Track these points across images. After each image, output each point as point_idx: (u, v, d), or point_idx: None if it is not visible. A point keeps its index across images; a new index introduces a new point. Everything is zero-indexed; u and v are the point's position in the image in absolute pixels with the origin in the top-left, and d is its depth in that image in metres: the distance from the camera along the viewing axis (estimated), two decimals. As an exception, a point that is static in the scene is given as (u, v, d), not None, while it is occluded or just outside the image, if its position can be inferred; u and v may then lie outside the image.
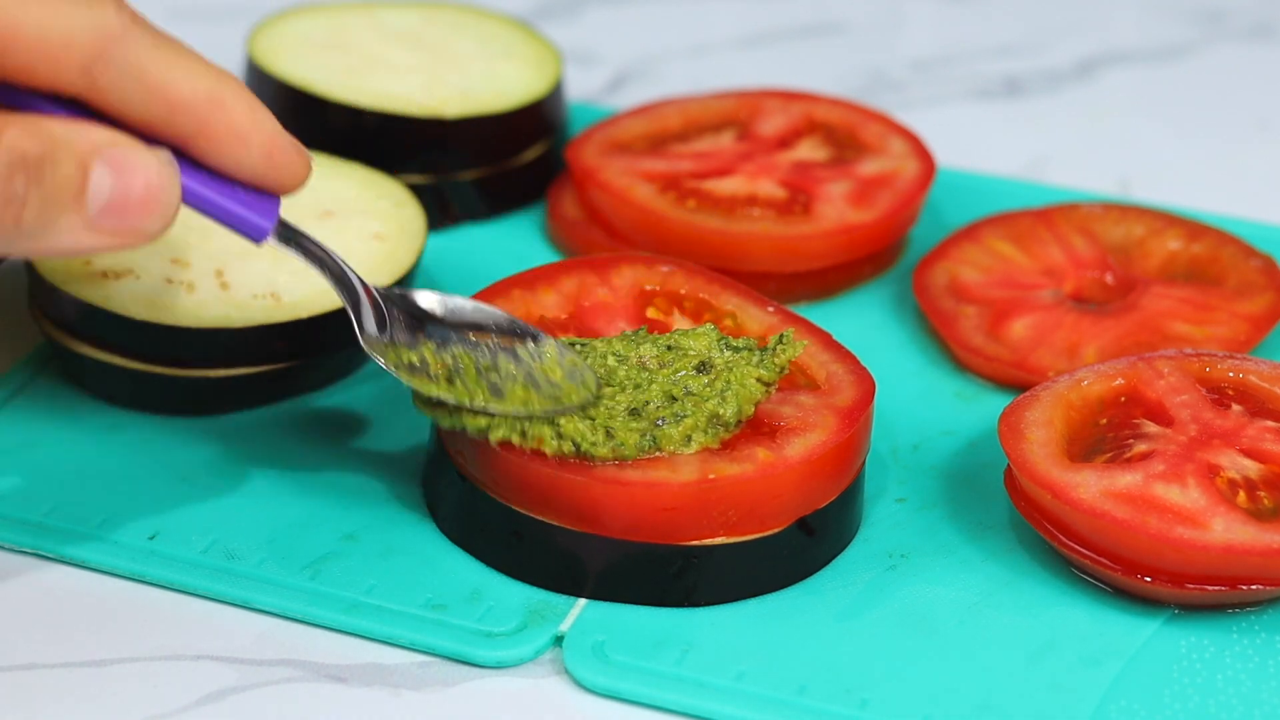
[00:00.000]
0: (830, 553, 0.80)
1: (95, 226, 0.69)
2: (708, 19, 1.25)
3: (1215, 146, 1.13)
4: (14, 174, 0.66)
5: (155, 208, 0.69)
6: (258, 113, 0.71)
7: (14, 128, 0.67)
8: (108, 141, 0.68)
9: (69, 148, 0.68)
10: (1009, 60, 1.21)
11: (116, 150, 0.69)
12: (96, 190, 0.68)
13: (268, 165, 0.72)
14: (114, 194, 0.68)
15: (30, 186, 0.67)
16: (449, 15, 1.06)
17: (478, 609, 0.77)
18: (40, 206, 0.67)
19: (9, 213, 0.67)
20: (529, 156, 1.01)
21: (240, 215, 0.72)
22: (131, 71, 0.69)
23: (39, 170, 0.67)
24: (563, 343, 0.80)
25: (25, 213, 0.67)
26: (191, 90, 0.70)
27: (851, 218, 0.94)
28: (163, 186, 0.69)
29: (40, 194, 0.67)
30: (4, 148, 0.66)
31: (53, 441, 0.85)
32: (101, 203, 0.68)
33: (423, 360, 0.77)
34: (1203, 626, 0.77)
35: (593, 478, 0.76)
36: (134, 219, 0.69)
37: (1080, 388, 0.83)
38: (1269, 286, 0.92)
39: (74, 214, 0.68)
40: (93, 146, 0.68)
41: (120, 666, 0.75)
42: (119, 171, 0.69)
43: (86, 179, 0.68)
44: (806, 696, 0.74)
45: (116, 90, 0.69)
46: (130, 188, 0.69)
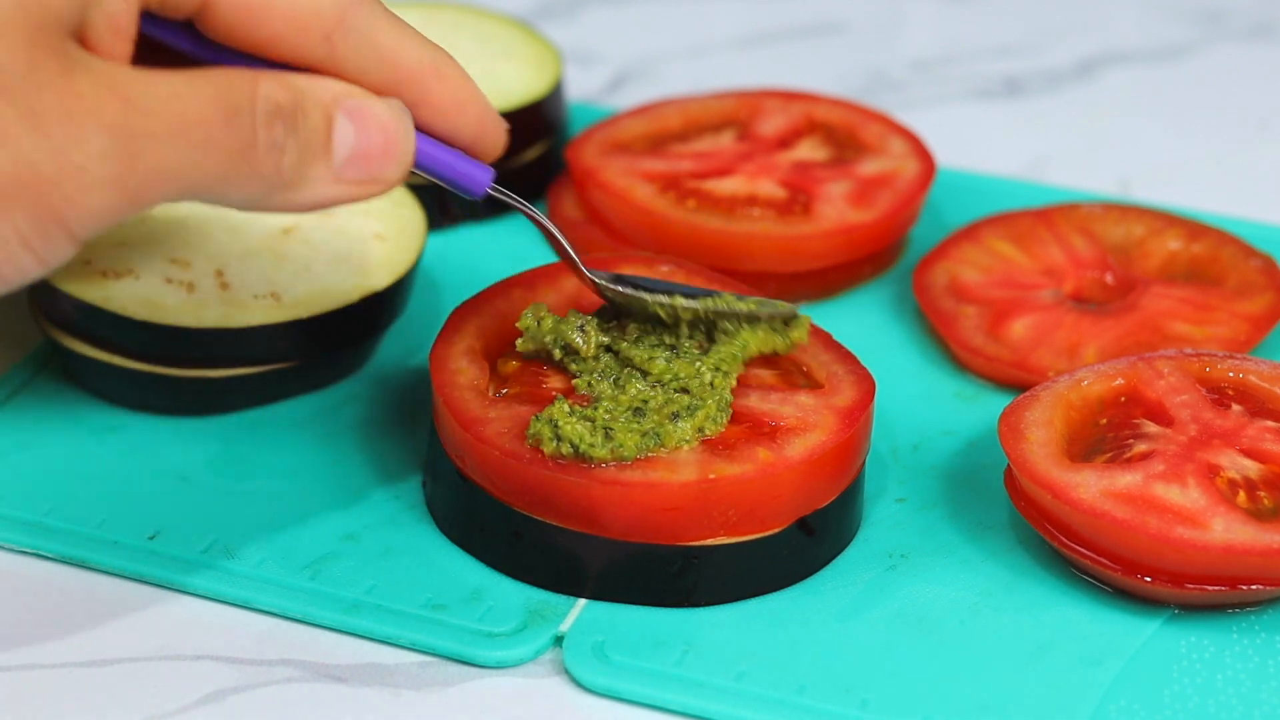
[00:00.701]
0: (830, 553, 0.80)
1: (341, 177, 0.71)
2: (708, 19, 1.25)
3: (1215, 146, 1.13)
4: (274, 122, 0.69)
5: (394, 155, 0.72)
6: (472, 85, 0.75)
7: (265, 80, 0.69)
8: (345, 92, 0.71)
9: (315, 98, 0.70)
10: (1009, 60, 1.21)
11: (355, 100, 0.71)
12: (341, 139, 0.71)
13: (478, 134, 0.75)
14: (357, 143, 0.71)
15: (288, 135, 0.69)
16: (449, 15, 1.06)
17: (478, 609, 0.77)
18: (297, 154, 0.70)
19: (271, 160, 0.69)
20: (529, 156, 1.01)
21: (465, 168, 0.75)
22: (367, 39, 0.72)
23: (293, 119, 0.69)
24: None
25: (285, 160, 0.69)
26: (418, 60, 0.73)
27: (851, 218, 0.94)
28: (399, 134, 0.72)
29: (296, 142, 0.70)
30: (261, 96, 0.69)
31: (53, 441, 0.85)
32: (346, 152, 0.71)
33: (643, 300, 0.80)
34: (1203, 626, 0.77)
35: (593, 478, 0.76)
36: (375, 167, 0.72)
37: (1080, 388, 0.83)
38: (1269, 286, 0.92)
39: (324, 164, 0.71)
40: (333, 97, 0.71)
41: (120, 666, 0.75)
42: (359, 121, 0.71)
43: (332, 128, 0.71)
44: (806, 696, 0.74)
45: (352, 58, 0.72)
46: (370, 136, 0.71)
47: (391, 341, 0.91)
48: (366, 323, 0.88)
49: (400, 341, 0.91)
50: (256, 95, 0.69)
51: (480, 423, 0.78)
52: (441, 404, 0.79)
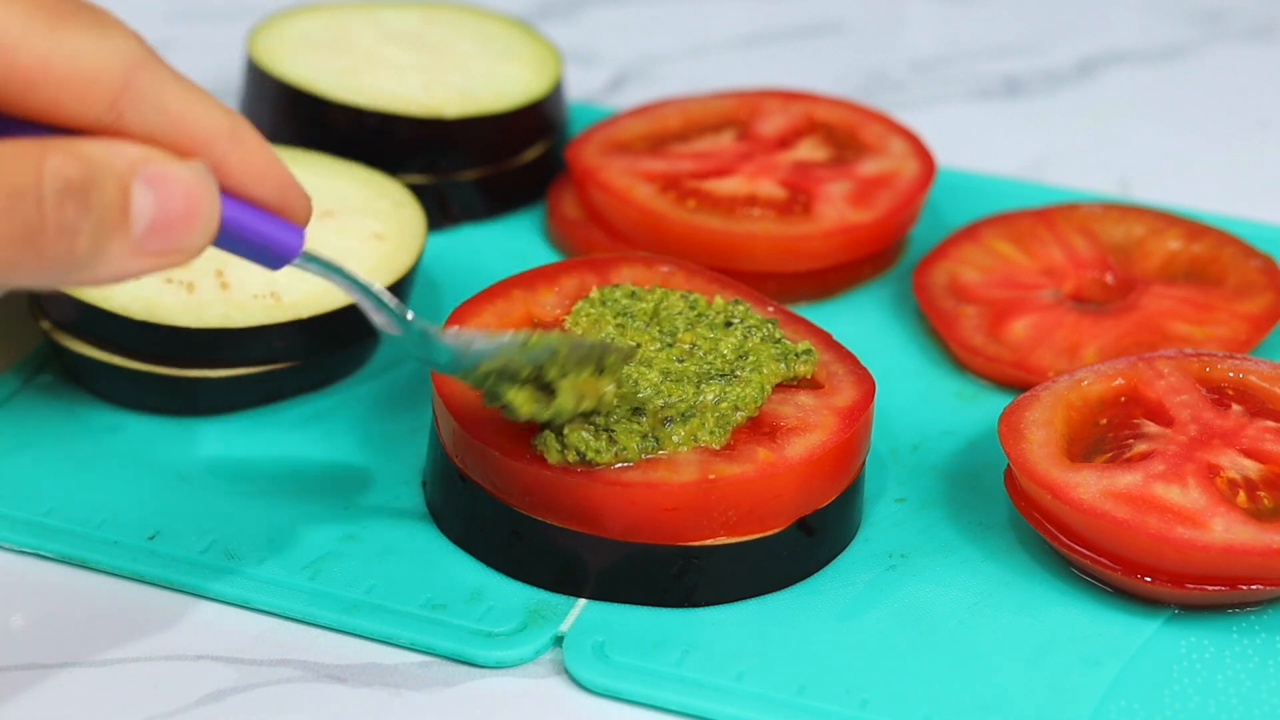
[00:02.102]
0: (830, 553, 0.80)
1: (141, 249, 0.66)
2: (708, 19, 1.25)
3: (1215, 146, 1.13)
4: (64, 202, 0.64)
5: (198, 220, 0.67)
6: (270, 153, 0.70)
7: (53, 153, 0.64)
8: (143, 158, 0.66)
9: (109, 167, 0.65)
10: (1009, 60, 1.21)
11: (153, 165, 0.66)
12: (139, 210, 0.66)
13: (280, 201, 0.70)
14: (157, 211, 0.66)
15: (81, 214, 0.65)
16: (449, 15, 1.06)
17: (478, 609, 0.77)
18: (92, 233, 0.65)
19: (63, 243, 0.64)
20: (529, 156, 1.01)
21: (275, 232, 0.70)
22: (155, 103, 0.67)
23: (85, 195, 0.65)
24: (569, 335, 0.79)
25: (78, 242, 0.65)
26: (212, 124, 0.68)
27: (851, 218, 0.94)
28: (202, 198, 0.67)
29: (90, 220, 0.65)
30: (48, 174, 0.64)
31: (53, 441, 0.85)
32: (146, 223, 0.66)
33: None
34: (1203, 626, 0.77)
35: (593, 479, 0.76)
36: (177, 235, 0.67)
37: (1080, 388, 0.83)
38: (1269, 286, 0.92)
39: (121, 238, 0.66)
40: (130, 164, 0.66)
41: (120, 666, 0.75)
42: (159, 187, 0.66)
43: (129, 199, 0.66)
44: (806, 696, 0.74)
45: (139, 123, 0.67)
46: (172, 202, 0.66)
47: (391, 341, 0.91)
48: (367, 322, 0.88)
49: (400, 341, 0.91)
50: (43, 174, 0.63)
51: (480, 422, 0.78)
52: (441, 404, 0.79)
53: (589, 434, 0.76)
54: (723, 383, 0.78)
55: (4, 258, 0.63)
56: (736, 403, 0.78)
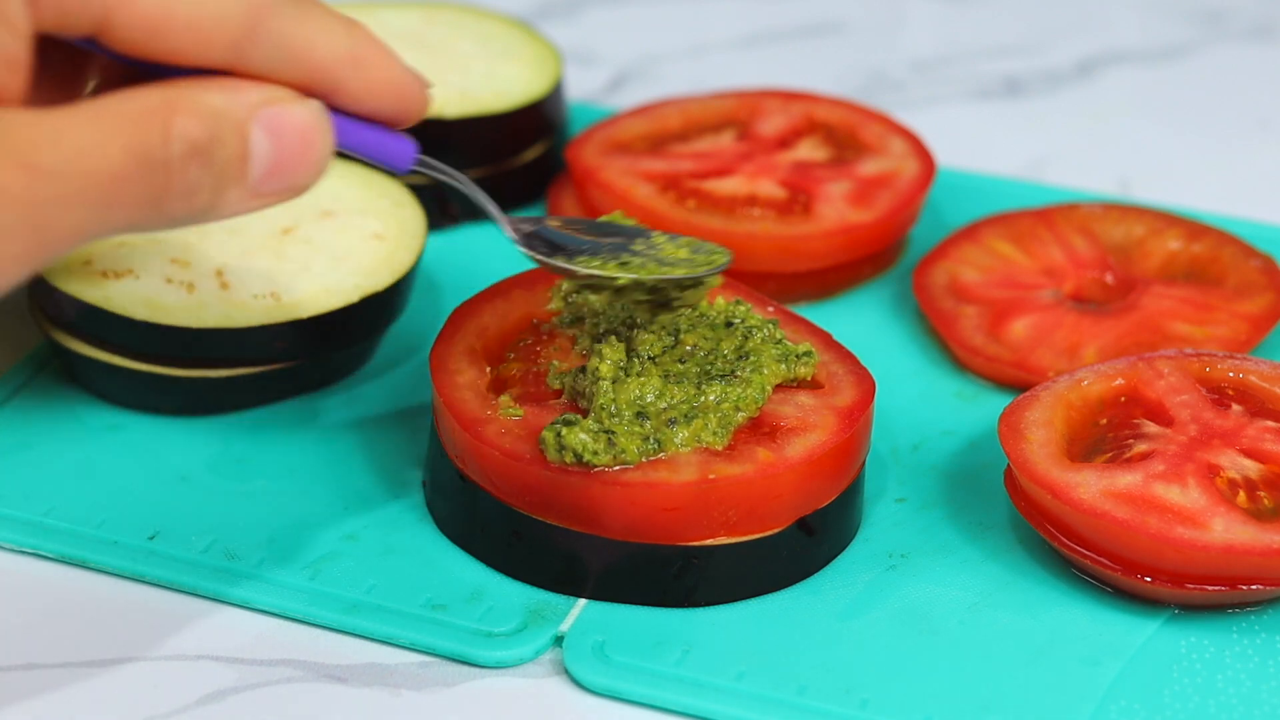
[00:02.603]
0: (830, 553, 0.80)
1: (257, 191, 0.69)
2: (708, 19, 1.25)
3: (1215, 146, 1.13)
4: (189, 164, 0.66)
5: (311, 161, 0.69)
6: (388, 60, 0.71)
7: (179, 112, 0.66)
8: (261, 100, 0.68)
9: (230, 119, 0.67)
10: (1009, 60, 1.21)
11: (271, 110, 0.68)
12: (257, 157, 0.68)
13: (398, 108, 0.72)
14: (273, 156, 0.68)
15: (203, 172, 0.67)
16: (449, 15, 1.06)
17: (478, 609, 0.77)
18: (212, 188, 0.67)
19: (185, 203, 0.66)
20: (529, 156, 1.01)
21: (387, 147, 0.73)
22: (277, 42, 0.69)
23: (209, 153, 0.67)
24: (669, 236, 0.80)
25: (199, 199, 0.67)
26: (332, 53, 0.70)
27: (851, 218, 0.94)
28: (316, 141, 0.69)
29: (211, 176, 0.67)
30: (175, 137, 0.66)
31: (53, 441, 0.85)
32: (263, 168, 0.68)
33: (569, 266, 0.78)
34: (1203, 626, 0.77)
35: (593, 479, 0.76)
36: (291, 176, 0.69)
37: (1080, 388, 0.83)
38: (1269, 286, 0.92)
39: (239, 185, 0.68)
40: (248, 110, 0.68)
41: (120, 666, 0.75)
42: (276, 132, 0.68)
43: (248, 147, 0.68)
44: (806, 696, 0.74)
45: (261, 61, 0.69)
46: (288, 146, 0.68)
47: (391, 341, 0.91)
48: (366, 323, 0.88)
49: (400, 341, 0.91)
50: (170, 136, 0.65)
51: (480, 423, 0.78)
52: (441, 404, 0.79)
53: (588, 436, 0.76)
54: (723, 383, 0.78)
55: (131, 219, 0.65)
56: (738, 403, 0.78)
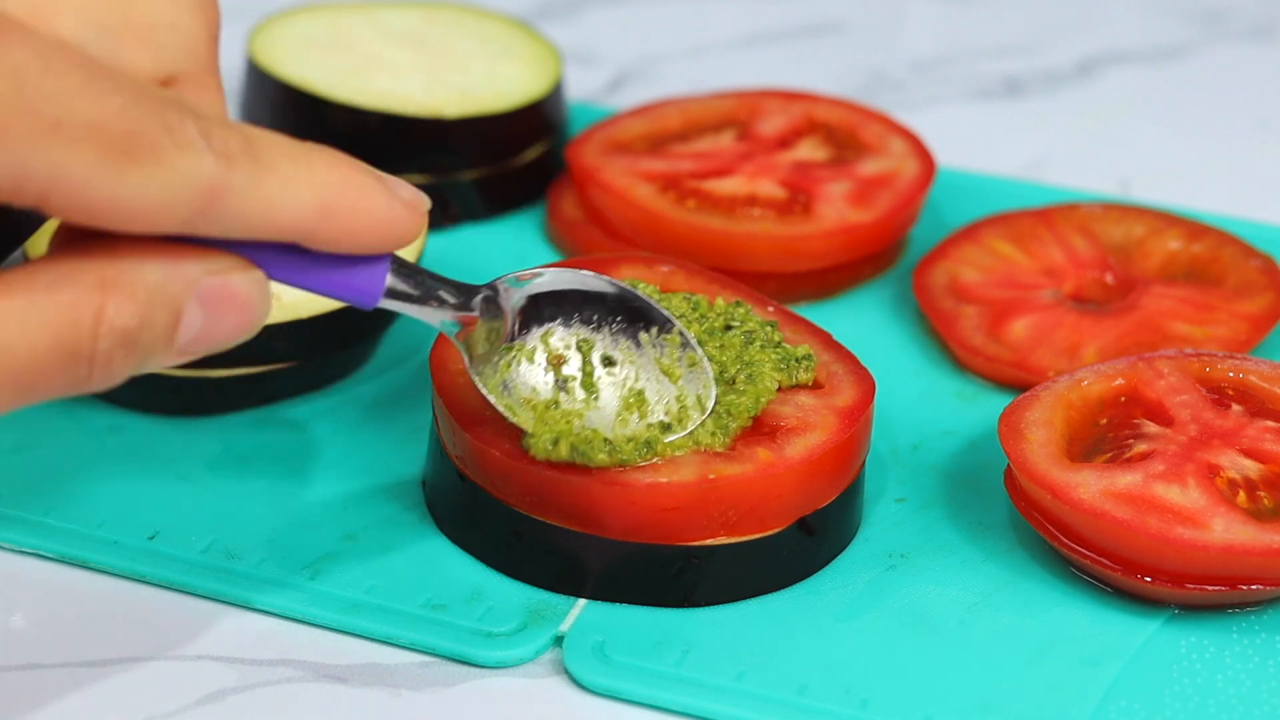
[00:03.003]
0: (830, 553, 0.80)
1: (180, 354, 0.66)
2: (708, 19, 1.25)
3: (1215, 146, 1.13)
4: (114, 350, 0.63)
5: (242, 329, 0.66)
6: (368, 199, 0.67)
7: (113, 296, 0.63)
8: (203, 272, 0.65)
9: (165, 297, 0.64)
10: (1009, 60, 1.21)
11: (211, 281, 0.65)
12: (187, 327, 0.65)
13: (382, 241, 0.67)
14: (203, 329, 0.65)
15: (127, 357, 0.64)
16: (449, 15, 1.06)
17: (478, 609, 0.77)
18: (135, 365, 0.64)
19: (105, 381, 0.64)
20: (529, 156, 1.01)
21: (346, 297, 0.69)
22: (232, 215, 0.64)
23: (136, 339, 0.64)
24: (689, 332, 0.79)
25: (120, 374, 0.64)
26: (298, 209, 0.65)
27: (851, 218, 0.94)
28: (253, 311, 0.66)
29: (135, 358, 0.64)
30: (104, 331, 0.63)
31: (53, 441, 0.85)
32: (190, 337, 0.65)
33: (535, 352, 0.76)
34: (1203, 626, 0.77)
35: (592, 479, 0.76)
36: (218, 342, 0.66)
37: (1080, 388, 0.83)
38: (1269, 286, 0.92)
39: (164, 354, 0.65)
40: (187, 285, 0.64)
41: (120, 666, 0.75)
42: (212, 306, 0.65)
43: (179, 322, 0.65)
44: (806, 696, 0.74)
45: (219, 230, 0.64)
46: (222, 319, 0.65)
47: (391, 341, 0.91)
48: (366, 323, 0.88)
49: (400, 341, 0.91)
50: (100, 330, 0.63)
51: (480, 422, 0.78)
52: (441, 404, 0.79)
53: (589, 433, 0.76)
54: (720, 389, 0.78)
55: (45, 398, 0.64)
56: (730, 408, 0.78)
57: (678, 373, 0.78)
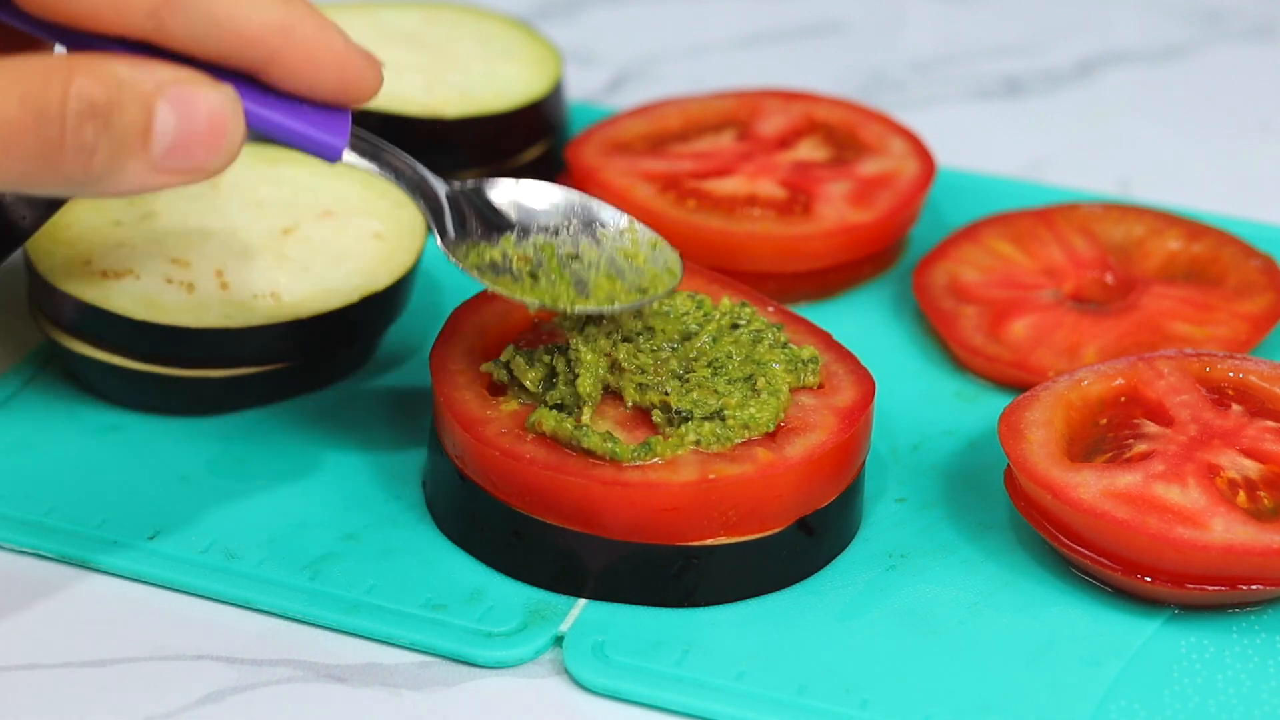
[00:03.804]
0: (830, 553, 0.80)
1: (160, 167, 0.68)
2: (708, 19, 1.25)
3: (1215, 146, 1.13)
4: (84, 123, 0.66)
5: (219, 144, 0.69)
6: (326, 32, 0.71)
7: (81, 74, 0.66)
8: (171, 79, 0.67)
9: (134, 89, 0.67)
10: (1009, 60, 1.21)
11: (180, 88, 0.67)
12: (161, 131, 0.67)
13: (339, 83, 0.71)
14: (178, 134, 0.68)
15: (99, 134, 0.66)
16: (449, 15, 1.06)
17: (478, 609, 0.77)
18: (109, 153, 0.67)
19: (79, 162, 0.66)
20: (529, 156, 1.01)
21: (313, 137, 0.72)
22: (199, 11, 0.68)
23: (107, 116, 0.66)
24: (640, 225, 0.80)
25: (94, 161, 0.66)
26: (261, 22, 0.69)
27: (851, 218, 0.94)
28: (226, 123, 0.68)
29: (109, 140, 0.66)
30: (72, 95, 0.65)
31: (53, 441, 0.85)
32: (167, 143, 0.68)
33: (505, 256, 0.78)
34: (1203, 626, 0.77)
35: (592, 478, 0.76)
36: (197, 157, 0.68)
37: (1080, 388, 0.83)
38: (1269, 286, 0.92)
39: (140, 158, 0.67)
40: (156, 85, 0.67)
41: (120, 666, 0.75)
42: (183, 110, 0.68)
43: (152, 121, 0.67)
44: (806, 696, 0.74)
45: (184, 30, 0.68)
46: (194, 127, 0.68)
47: (391, 341, 0.91)
48: (366, 323, 0.88)
49: (400, 341, 0.91)
50: (68, 94, 0.65)
51: (480, 423, 0.78)
52: (441, 404, 0.79)
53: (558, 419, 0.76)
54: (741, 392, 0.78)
55: (20, 170, 0.65)
56: (749, 421, 0.77)
57: (641, 255, 0.79)
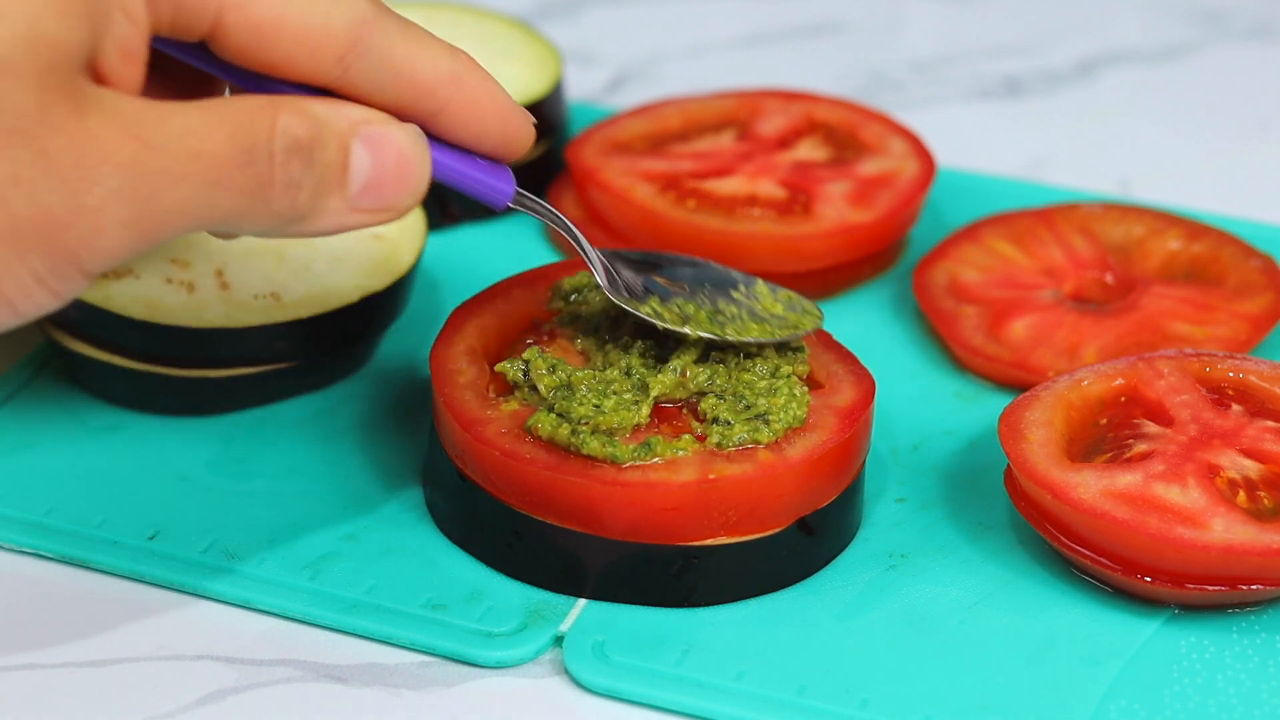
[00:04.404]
0: (830, 553, 0.80)
1: (356, 206, 0.70)
2: (708, 19, 1.25)
3: (1215, 146, 1.13)
4: (291, 159, 0.68)
5: (409, 182, 0.71)
6: (493, 88, 0.74)
7: (285, 112, 0.68)
8: (363, 119, 0.70)
9: (331, 128, 0.69)
10: (1009, 60, 1.21)
11: (372, 128, 0.70)
12: (357, 169, 0.70)
13: (501, 136, 0.74)
14: (372, 171, 0.70)
15: (304, 170, 0.68)
16: (449, 15, 1.06)
17: (478, 609, 0.77)
18: (313, 189, 0.69)
19: (287, 198, 0.68)
20: (529, 156, 1.01)
21: (486, 182, 0.75)
22: (381, 58, 0.71)
23: (310, 153, 0.68)
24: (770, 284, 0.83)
25: (300, 196, 0.68)
26: (435, 72, 0.72)
27: (851, 218, 0.94)
28: (415, 161, 0.71)
29: (313, 177, 0.69)
30: (279, 132, 0.67)
31: (53, 441, 0.85)
32: (362, 181, 0.70)
33: (655, 313, 0.79)
34: (1203, 626, 0.77)
35: (592, 478, 0.76)
36: (389, 195, 0.71)
37: (1080, 388, 0.83)
38: (1269, 286, 0.92)
39: (339, 195, 0.70)
40: (350, 125, 0.70)
41: (120, 666, 0.75)
42: (376, 149, 0.70)
43: (349, 159, 0.70)
44: (806, 696, 0.74)
45: (366, 77, 0.71)
46: (386, 164, 0.70)
47: (391, 341, 0.91)
48: (366, 323, 0.88)
49: (400, 341, 0.91)
50: (274, 131, 0.67)
51: (480, 423, 0.78)
52: (441, 404, 0.79)
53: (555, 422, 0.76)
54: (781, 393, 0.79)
55: (235, 207, 0.67)
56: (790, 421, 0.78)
57: (779, 307, 0.81)
